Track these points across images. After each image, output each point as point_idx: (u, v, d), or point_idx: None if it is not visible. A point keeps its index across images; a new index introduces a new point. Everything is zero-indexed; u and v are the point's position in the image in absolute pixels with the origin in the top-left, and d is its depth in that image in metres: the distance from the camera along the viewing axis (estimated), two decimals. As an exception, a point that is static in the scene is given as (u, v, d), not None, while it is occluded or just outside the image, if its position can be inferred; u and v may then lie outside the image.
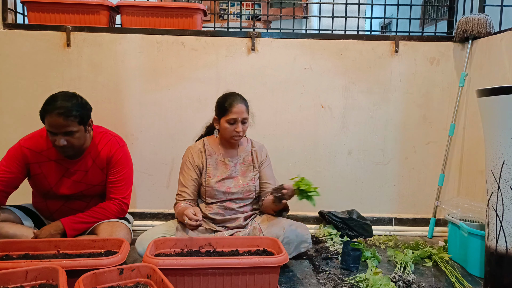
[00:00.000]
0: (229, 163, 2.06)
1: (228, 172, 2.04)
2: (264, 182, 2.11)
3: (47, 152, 1.94)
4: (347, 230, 2.46)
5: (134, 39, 2.53)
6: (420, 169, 2.68)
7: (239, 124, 1.95)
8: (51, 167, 1.95)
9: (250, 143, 2.15)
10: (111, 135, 2.06)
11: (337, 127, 2.64)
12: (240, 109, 1.94)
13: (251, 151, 2.12)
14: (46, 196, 2.01)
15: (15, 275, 1.38)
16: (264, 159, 2.13)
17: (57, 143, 1.82)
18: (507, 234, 1.65)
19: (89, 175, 1.98)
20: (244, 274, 1.58)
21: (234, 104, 1.94)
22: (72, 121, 1.80)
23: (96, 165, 1.99)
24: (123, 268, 1.44)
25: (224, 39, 2.56)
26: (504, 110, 1.61)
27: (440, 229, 2.62)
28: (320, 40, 2.59)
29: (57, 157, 1.95)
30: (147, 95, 2.57)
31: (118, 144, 2.04)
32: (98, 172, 2.00)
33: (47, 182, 1.95)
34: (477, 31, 2.45)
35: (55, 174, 1.95)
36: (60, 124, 1.78)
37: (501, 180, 1.65)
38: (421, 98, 2.63)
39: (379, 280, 1.78)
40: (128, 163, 2.07)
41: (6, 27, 2.50)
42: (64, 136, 1.81)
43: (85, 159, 1.97)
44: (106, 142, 2.01)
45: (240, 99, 1.98)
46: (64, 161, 1.95)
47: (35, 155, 1.93)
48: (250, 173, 2.09)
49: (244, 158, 2.10)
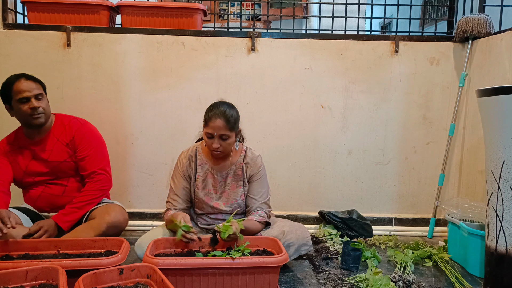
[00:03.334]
0: (218, 177, 1.96)
1: (216, 187, 1.97)
2: (249, 196, 1.97)
3: (16, 142, 2.08)
4: (347, 230, 2.46)
5: (134, 39, 2.53)
6: (420, 169, 2.68)
7: (215, 139, 1.81)
8: (19, 153, 2.07)
9: (244, 155, 1.99)
10: (72, 117, 2.15)
11: (337, 127, 2.64)
12: (217, 125, 1.79)
13: (243, 165, 1.97)
14: (26, 184, 2.09)
15: (15, 275, 1.38)
16: (255, 173, 1.97)
17: (31, 106, 1.93)
18: (507, 234, 1.65)
19: (54, 152, 2.06)
20: (244, 274, 1.58)
21: (212, 119, 1.81)
22: (39, 85, 1.98)
23: (60, 142, 2.07)
24: (123, 268, 1.44)
25: (224, 39, 2.56)
26: (504, 110, 1.61)
27: (440, 229, 2.62)
28: (320, 40, 2.59)
29: (24, 144, 2.07)
30: (147, 95, 2.57)
31: (79, 122, 2.13)
32: (63, 149, 2.07)
33: (18, 167, 2.05)
34: (477, 31, 2.45)
35: (24, 158, 2.06)
36: (30, 87, 1.94)
37: (501, 180, 1.65)
38: (421, 98, 2.63)
39: (379, 280, 1.78)
40: (94, 136, 2.14)
41: (6, 27, 2.50)
42: (35, 100, 1.94)
43: (49, 138, 2.07)
44: (68, 122, 2.11)
45: (221, 114, 1.80)
46: (30, 144, 2.06)
47: (7, 146, 2.07)
48: (239, 189, 1.97)
49: (235, 172, 1.97)
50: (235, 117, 1.87)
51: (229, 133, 1.82)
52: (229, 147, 1.87)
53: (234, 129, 1.85)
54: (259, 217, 1.91)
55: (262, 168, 2.00)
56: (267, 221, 1.94)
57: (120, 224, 2.03)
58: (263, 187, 1.99)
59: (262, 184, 1.99)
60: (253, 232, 1.88)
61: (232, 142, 1.87)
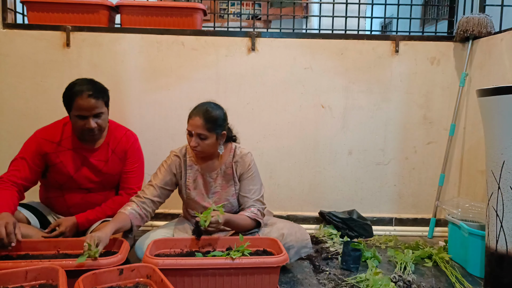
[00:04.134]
0: (208, 178, 1.94)
1: (207, 187, 1.95)
2: (241, 195, 1.95)
3: (64, 142, 1.96)
4: (347, 230, 2.46)
5: (134, 39, 2.53)
6: (421, 169, 2.68)
7: (193, 138, 1.81)
8: (69, 156, 1.95)
9: (233, 154, 1.96)
10: (125, 128, 2.12)
11: (337, 127, 2.64)
12: (195, 123, 1.79)
13: (232, 164, 1.94)
14: (65, 187, 2.00)
15: (15, 275, 1.38)
16: (246, 170, 1.94)
17: (88, 126, 1.84)
18: (507, 234, 1.65)
19: (109, 164, 2.01)
20: (244, 275, 1.58)
21: (192, 116, 1.82)
22: (101, 102, 1.87)
23: (116, 155, 2.02)
24: (123, 268, 1.44)
25: (224, 39, 2.56)
26: (504, 110, 1.61)
27: (440, 229, 2.62)
28: (320, 40, 2.58)
29: (74, 146, 1.96)
30: (147, 95, 2.57)
31: (133, 137, 2.12)
32: (117, 162, 2.03)
33: (66, 170, 1.95)
34: (477, 31, 2.45)
35: (74, 162, 1.95)
36: (91, 106, 1.82)
37: (501, 180, 1.65)
38: (421, 98, 2.63)
39: (379, 280, 1.78)
40: (141, 155, 2.14)
41: (6, 27, 2.50)
42: (94, 118, 1.85)
43: (103, 148, 2.00)
44: (124, 134, 2.07)
45: (201, 112, 1.80)
46: (82, 149, 1.97)
47: (52, 145, 1.94)
48: (231, 188, 1.95)
49: (225, 171, 1.95)
50: (218, 118, 1.83)
51: (207, 133, 1.80)
52: (208, 148, 1.84)
53: (214, 130, 1.82)
54: (250, 213, 1.88)
55: (253, 165, 1.96)
56: (258, 220, 1.90)
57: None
58: (255, 184, 1.96)
59: (254, 182, 1.96)
60: (243, 227, 1.86)
61: (211, 143, 1.83)
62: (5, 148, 2.00)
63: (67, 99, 1.86)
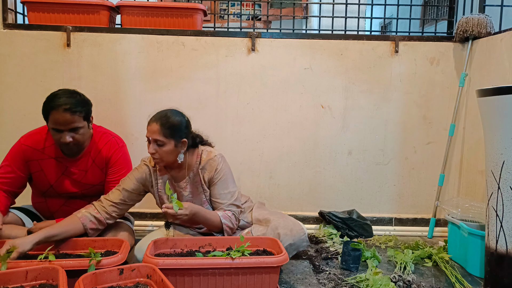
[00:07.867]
0: (178, 188, 1.90)
1: (179, 197, 1.90)
2: (213, 200, 1.88)
3: (47, 150, 1.94)
4: (347, 230, 2.46)
5: (134, 39, 2.53)
6: (420, 169, 2.68)
7: (151, 144, 1.75)
8: (51, 164, 1.95)
9: (199, 160, 1.88)
10: (111, 135, 2.05)
11: (337, 127, 2.64)
12: (152, 129, 1.74)
13: (199, 171, 1.87)
14: (46, 195, 2.00)
15: (15, 275, 1.38)
16: (213, 175, 1.85)
17: (62, 140, 1.80)
18: (507, 234, 1.65)
19: (88, 175, 1.98)
20: (244, 274, 1.58)
21: (149, 122, 1.77)
22: (78, 116, 1.80)
23: (96, 165, 1.98)
24: (123, 268, 1.44)
25: (224, 39, 2.56)
26: (504, 110, 1.61)
27: (440, 229, 2.62)
28: (320, 40, 2.59)
29: (56, 155, 1.94)
30: (147, 95, 2.57)
31: (117, 145, 2.03)
32: (97, 172, 1.99)
33: (46, 179, 1.95)
34: (477, 31, 2.45)
35: (55, 172, 1.95)
36: (66, 121, 1.78)
37: (501, 180, 1.65)
38: (421, 98, 2.63)
39: (379, 280, 1.78)
40: (126, 163, 2.05)
41: (6, 27, 2.50)
42: (69, 133, 1.81)
43: (85, 158, 1.97)
44: (106, 142, 2.01)
45: (158, 118, 1.75)
46: (63, 159, 1.95)
47: (35, 152, 1.93)
48: (201, 196, 1.89)
49: (193, 179, 1.88)
50: (176, 125, 1.77)
51: (164, 139, 1.74)
52: (166, 155, 1.77)
53: (172, 137, 1.75)
54: (222, 212, 1.84)
55: (221, 169, 1.87)
56: (229, 226, 1.83)
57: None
58: (226, 187, 1.87)
59: (225, 185, 1.87)
60: (212, 224, 1.81)
61: (169, 150, 1.76)
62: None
63: (44, 111, 1.81)
